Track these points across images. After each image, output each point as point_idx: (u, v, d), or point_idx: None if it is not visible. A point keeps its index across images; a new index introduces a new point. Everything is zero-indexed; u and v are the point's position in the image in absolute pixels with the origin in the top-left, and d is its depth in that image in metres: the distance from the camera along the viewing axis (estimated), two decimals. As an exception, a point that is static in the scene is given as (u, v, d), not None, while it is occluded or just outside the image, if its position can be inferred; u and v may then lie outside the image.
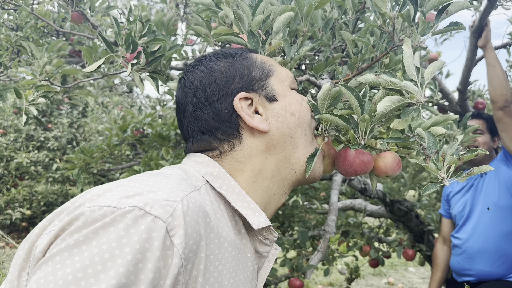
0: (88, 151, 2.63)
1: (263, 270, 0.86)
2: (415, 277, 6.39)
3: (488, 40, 2.39)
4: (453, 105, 2.96)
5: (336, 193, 2.65)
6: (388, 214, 3.28)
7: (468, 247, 2.39)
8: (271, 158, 0.83)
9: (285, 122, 0.84)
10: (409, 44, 0.83)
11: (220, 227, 0.71)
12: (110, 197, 0.60)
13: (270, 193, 0.84)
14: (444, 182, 0.76)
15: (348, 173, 0.93)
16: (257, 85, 0.85)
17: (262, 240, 0.83)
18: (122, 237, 0.55)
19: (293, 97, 0.88)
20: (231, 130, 0.82)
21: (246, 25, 0.98)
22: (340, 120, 0.87)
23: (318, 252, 2.41)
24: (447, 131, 1.52)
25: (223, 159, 0.82)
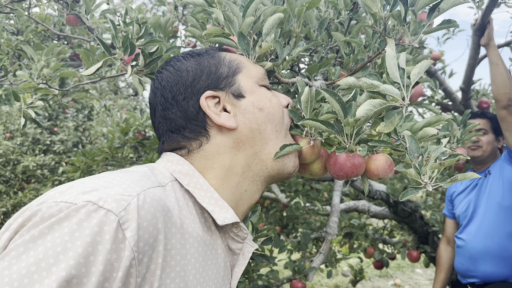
0: (90, 154, 2.63)
1: (237, 267, 0.86)
2: (422, 278, 6.33)
3: (491, 38, 2.36)
4: (457, 105, 2.93)
5: (338, 195, 2.63)
6: (392, 215, 3.26)
7: (472, 247, 2.36)
8: (240, 154, 0.84)
9: (253, 118, 0.84)
10: (392, 45, 0.82)
11: (186, 223, 0.72)
12: (68, 194, 0.61)
13: (241, 190, 0.85)
14: (427, 187, 0.75)
15: (339, 176, 0.91)
16: (224, 82, 0.85)
17: (233, 237, 0.83)
18: (74, 231, 0.56)
19: (262, 94, 0.88)
20: (198, 128, 0.83)
21: (236, 27, 0.98)
22: (322, 125, 0.85)
23: (320, 254, 2.40)
24: (446, 131, 1.49)
25: (192, 157, 0.83)
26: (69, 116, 7.81)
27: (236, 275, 0.86)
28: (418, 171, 0.78)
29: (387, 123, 0.85)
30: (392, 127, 0.85)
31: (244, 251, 0.87)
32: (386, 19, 0.92)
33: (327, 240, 2.42)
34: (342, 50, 1.10)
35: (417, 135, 0.87)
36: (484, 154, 2.38)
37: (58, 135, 7.39)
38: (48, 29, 1.83)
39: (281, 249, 2.38)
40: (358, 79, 0.86)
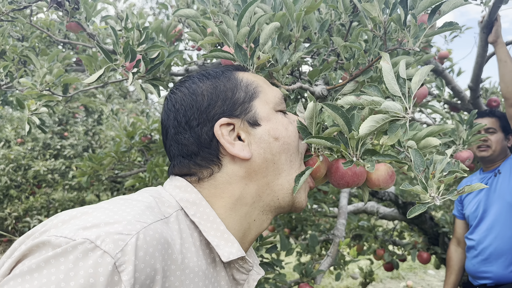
0: (96, 159, 2.64)
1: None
2: (435, 280, 6.25)
3: (499, 36, 2.33)
4: (465, 104, 2.89)
5: (345, 196, 2.61)
6: (401, 217, 3.22)
7: (483, 248, 2.32)
8: (251, 184, 0.81)
9: (268, 148, 0.81)
10: (387, 58, 0.80)
11: (188, 257, 0.71)
12: (70, 227, 0.61)
13: (250, 220, 0.82)
14: (435, 201, 0.73)
15: (339, 185, 0.90)
16: (239, 109, 0.82)
17: (239, 268, 0.81)
18: (70, 269, 0.56)
19: (278, 121, 0.84)
20: (211, 157, 0.80)
21: (232, 39, 0.96)
22: (327, 142, 0.84)
23: (327, 256, 2.38)
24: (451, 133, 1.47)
25: (201, 184, 0.81)
26: (79, 120, 7.88)
27: None
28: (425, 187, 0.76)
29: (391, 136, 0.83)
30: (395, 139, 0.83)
31: (250, 279, 0.86)
32: (386, 23, 0.90)
33: (335, 242, 2.40)
34: (342, 54, 1.08)
35: (420, 145, 0.85)
36: (494, 154, 2.34)
37: (68, 139, 7.46)
38: (51, 35, 1.83)
39: (288, 252, 2.36)
40: (359, 97, 0.84)
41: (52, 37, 1.56)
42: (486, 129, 2.34)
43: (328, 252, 2.38)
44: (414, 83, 0.80)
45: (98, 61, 1.59)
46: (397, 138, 0.78)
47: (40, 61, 1.72)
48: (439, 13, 0.88)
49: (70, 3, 1.27)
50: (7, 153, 6.68)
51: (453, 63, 3.05)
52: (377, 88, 0.83)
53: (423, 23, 0.90)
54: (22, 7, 1.32)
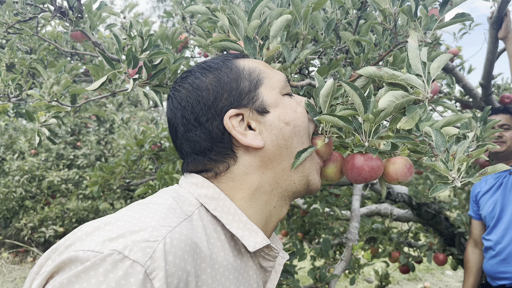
0: (107, 168, 2.65)
1: (270, 282, 0.85)
2: (453, 280, 6.15)
3: (509, 31, 2.28)
4: (477, 101, 2.84)
5: (357, 199, 2.58)
6: (416, 218, 3.17)
7: (502, 248, 2.26)
8: (268, 172, 0.81)
9: (280, 133, 0.81)
10: (414, 37, 0.78)
11: (215, 252, 0.71)
12: (95, 240, 0.61)
13: (270, 207, 0.82)
14: (455, 182, 0.71)
15: (357, 181, 0.88)
16: (246, 98, 0.81)
17: (265, 256, 0.81)
18: (101, 282, 0.56)
19: (287, 105, 0.83)
20: (225, 150, 0.80)
21: (242, 31, 0.95)
22: (340, 121, 0.81)
23: (341, 261, 2.34)
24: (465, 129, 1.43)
25: (219, 179, 0.80)
26: (91, 130, 7.95)
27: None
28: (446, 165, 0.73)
29: (408, 118, 0.81)
30: (413, 123, 0.81)
31: (276, 265, 0.86)
32: (396, 15, 0.88)
33: (348, 246, 2.36)
34: (352, 49, 1.06)
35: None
36: (508, 150, 2.29)
37: (81, 149, 7.53)
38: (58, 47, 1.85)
39: (301, 257, 2.33)
40: (379, 69, 0.82)
41: (59, 49, 1.56)
42: (500, 125, 2.30)
43: (342, 256, 2.35)
44: (433, 68, 0.79)
45: (104, 70, 1.59)
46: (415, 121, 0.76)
47: (48, 72, 1.73)
48: (450, 4, 0.86)
49: (74, 12, 1.28)
50: (21, 165, 6.76)
51: (463, 61, 3.01)
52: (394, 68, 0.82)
53: (434, 15, 0.88)
54: (28, 19, 1.33)
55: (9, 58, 2.10)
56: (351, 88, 0.80)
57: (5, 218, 7.02)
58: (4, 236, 7.09)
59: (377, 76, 0.83)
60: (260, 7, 0.98)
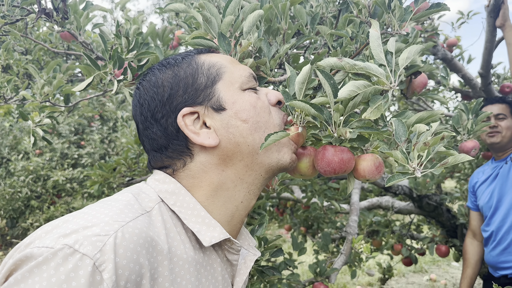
0: (106, 167, 2.66)
1: (238, 276, 0.85)
2: (459, 272, 6.12)
3: (506, 19, 2.25)
4: (477, 91, 2.81)
5: (357, 192, 2.57)
6: (417, 210, 3.15)
7: (501, 238, 2.25)
8: (228, 170, 0.80)
9: (237, 131, 0.79)
10: (376, 26, 0.77)
11: (174, 246, 0.71)
12: (51, 236, 0.62)
13: (236, 202, 0.81)
14: (416, 173, 0.70)
15: (326, 172, 0.86)
16: (202, 95, 0.80)
17: (228, 250, 0.81)
18: (52, 276, 0.57)
19: (245, 101, 0.81)
20: (181, 148, 0.79)
21: (215, 27, 0.94)
22: (312, 108, 0.80)
23: (341, 254, 2.34)
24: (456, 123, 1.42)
25: (178, 176, 0.80)
26: (95, 129, 7.98)
27: (237, 285, 0.84)
28: (406, 156, 0.72)
29: (373, 109, 0.80)
30: (379, 113, 0.80)
31: (246, 260, 0.86)
32: (371, 8, 0.87)
33: (348, 240, 2.36)
34: (329, 43, 1.05)
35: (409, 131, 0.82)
36: (504, 140, 2.26)
37: (85, 148, 7.57)
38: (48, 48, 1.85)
39: (300, 251, 2.33)
40: (340, 59, 0.81)
41: (50, 50, 1.57)
42: (496, 115, 2.27)
43: (342, 250, 2.35)
44: (402, 59, 0.78)
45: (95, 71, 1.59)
46: (380, 112, 0.75)
47: (41, 73, 1.73)
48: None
49: (59, 13, 1.27)
50: (26, 165, 6.81)
51: (462, 50, 2.98)
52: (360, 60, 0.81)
53: (409, 6, 0.86)
54: (15, 21, 1.33)
55: (4, 59, 2.10)
56: (324, 77, 0.79)
57: (12, 218, 7.09)
58: (11, 236, 7.15)
59: (339, 67, 0.82)
60: (234, 2, 0.97)
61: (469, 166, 3.87)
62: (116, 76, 1.23)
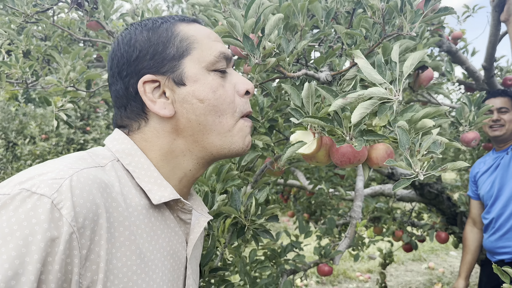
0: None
1: (192, 235, 0.88)
2: (457, 261, 6.25)
3: (511, 14, 2.31)
4: (480, 83, 2.89)
5: (361, 179, 2.65)
6: (419, 198, 3.25)
7: (500, 224, 2.35)
8: (179, 140, 0.83)
9: (191, 109, 0.81)
10: (360, 55, 0.84)
11: (129, 198, 0.74)
12: (8, 185, 0.65)
13: (184, 170, 0.85)
14: (419, 176, 0.78)
15: (342, 163, 0.96)
16: (167, 66, 0.81)
17: (180, 209, 0.84)
18: (11, 217, 0.60)
19: (207, 83, 0.82)
20: (137, 110, 0.82)
21: (239, 30, 1.02)
22: (321, 121, 0.89)
23: (345, 238, 2.44)
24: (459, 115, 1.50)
25: (133, 137, 0.83)
26: (100, 115, 8.07)
27: (191, 242, 0.87)
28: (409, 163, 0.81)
29: (381, 117, 0.88)
30: (386, 120, 0.89)
31: (200, 220, 0.90)
32: (384, 10, 0.95)
33: (352, 224, 2.46)
34: (345, 41, 1.14)
35: (416, 126, 0.90)
36: (507, 133, 2.35)
37: (91, 134, 7.66)
38: (72, 34, 1.93)
39: (306, 234, 2.44)
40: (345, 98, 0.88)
41: (73, 35, 1.65)
42: (498, 108, 2.35)
43: (346, 234, 2.45)
44: (406, 67, 0.85)
45: (117, 57, 1.68)
46: (387, 119, 0.83)
47: (64, 59, 1.82)
48: (434, 0, 0.93)
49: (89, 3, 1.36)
50: (33, 149, 6.91)
51: (467, 43, 3.04)
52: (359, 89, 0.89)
53: (419, 9, 0.95)
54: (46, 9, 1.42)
55: (25, 45, 2.19)
56: (327, 92, 0.88)
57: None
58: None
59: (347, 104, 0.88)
60: (255, 4, 1.05)
61: (470, 157, 3.96)
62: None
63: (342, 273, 5.57)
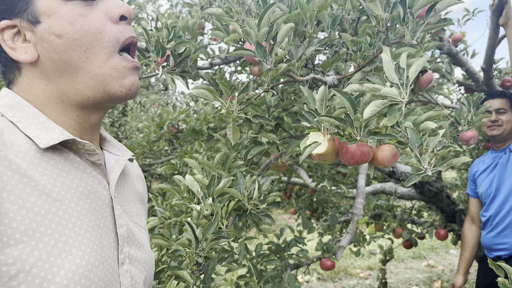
0: (129, 148, 2.85)
1: (113, 175, 0.83)
2: (456, 259, 6.33)
3: (509, 18, 2.39)
4: (480, 85, 2.97)
5: (363, 177, 2.74)
6: (419, 196, 3.33)
7: (498, 221, 2.42)
8: (51, 85, 0.77)
9: (51, 47, 0.74)
10: (387, 51, 0.94)
11: (17, 144, 0.70)
12: None
13: (71, 116, 0.79)
14: (427, 171, 0.87)
15: (350, 163, 1.05)
16: (19, 6, 0.75)
17: (86, 152, 0.78)
18: None
19: (62, 15, 0.74)
20: (7, 61, 0.77)
21: (253, 38, 1.11)
22: (336, 121, 0.98)
23: (347, 233, 2.53)
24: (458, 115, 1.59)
25: (14, 89, 0.79)
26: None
27: (112, 183, 0.82)
28: (419, 159, 0.90)
29: (390, 118, 0.97)
30: (394, 121, 0.98)
31: (119, 160, 0.86)
32: (387, 20, 1.04)
33: (354, 220, 2.54)
34: (350, 48, 1.22)
35: (419, 128, 0.99)
36: (504, 133, 2.43)
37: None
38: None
39: (309, 230, 2.52)
40: (362, 85, 0.98)
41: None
42: (497, 109, 2.43)
43: (348, 230, 2.53)
44: (411, 72, 0.94)
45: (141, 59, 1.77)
46: (395, 120, 0.92)
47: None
48: (434, 11, 1.02)
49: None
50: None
51: (467, 46, 3.12)
52: (379, 77, 0.98)
53: (420, 19, 1.03)
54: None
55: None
56: (341, 95, 0.97)
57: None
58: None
59: (361, 91, 0.99)
60: (267, 14, 1.14)
61: (470, 156, 4.04)
62: (159, 63, 1.40)
63: (343, 270, 5.66)
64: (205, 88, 1.18)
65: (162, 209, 1.79)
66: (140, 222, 0.91)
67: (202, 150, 2.33)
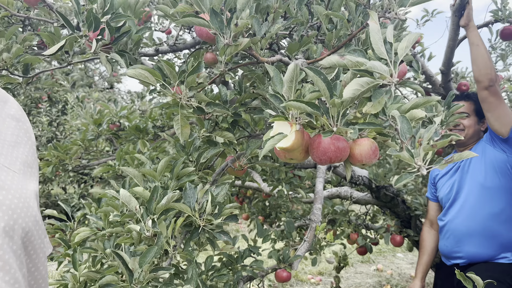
0: (62, 148, 2.52)
1: None
2: (404, 262, 6.42)
3: (471, 19, 2.34)
4: (437, 88, 2.92)
5: (321, 181, 2.59)
6: (374, 201, 3.24)
7: (455, 229, 2.35)
8: None
9: None
10: (375, 18, 0.75)
11: None
12: None
13: None
14: (421, 170, 0.69)
15: (322, 161, 0.85)
16: None
17: None
18: None
19: None
20: None
21: (207, 3, 0.89)
22: (308, 107, 0.78)
23: (304, 242, 2.35)
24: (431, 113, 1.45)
25: None
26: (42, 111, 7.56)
27: None
28: (411, 154, 0.72)
29: (374, 103, 0.78)
30: (380, 107, 0.79)
31: None
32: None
33: (311, 227, 2.38)
34: (324, 25, 1.03)
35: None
36: (466, 137, 2.37)
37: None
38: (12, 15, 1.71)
39: (264, 238, 2.32)
40: (342, 57, 0.79)
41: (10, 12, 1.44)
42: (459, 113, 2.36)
43: (305, 238, 2.36)
44: (401, 49, 0.76)
45: (60, 38, 1.48)
46: (382, 106, 0.73)
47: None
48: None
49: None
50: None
51: (424, 48, 3.07)
52: (362, 53, 0.79)
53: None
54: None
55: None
56: (315, 74, 0.76)
57: None
58: None
59: (341, 65, 0.79)
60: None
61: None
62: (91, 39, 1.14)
63: (294, 276, 5.53)
64: (145, 69, 0.94)
65: (95, 218, 1.51)
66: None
67: (146, 150, 2.06)
